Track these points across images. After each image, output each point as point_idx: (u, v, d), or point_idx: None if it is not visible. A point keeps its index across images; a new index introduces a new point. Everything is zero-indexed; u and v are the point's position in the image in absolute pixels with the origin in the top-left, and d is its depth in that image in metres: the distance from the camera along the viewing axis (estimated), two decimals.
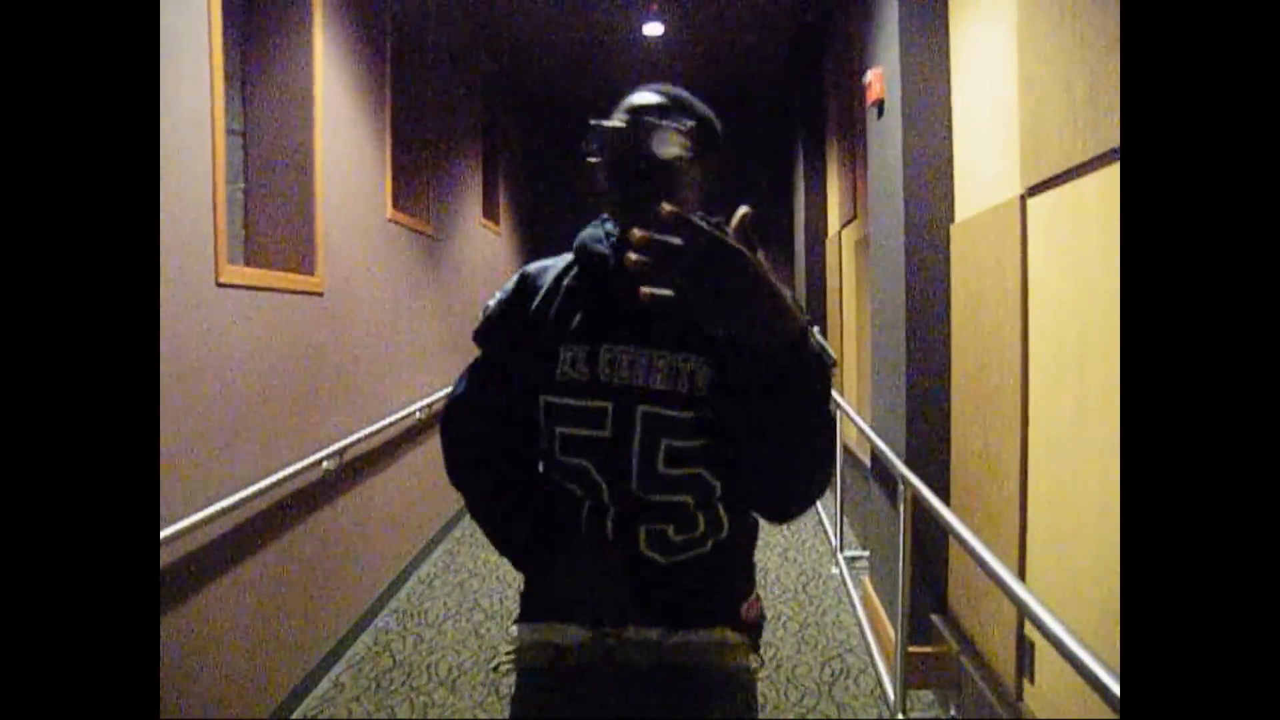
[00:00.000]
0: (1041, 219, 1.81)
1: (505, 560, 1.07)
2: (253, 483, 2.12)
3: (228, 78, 2.14)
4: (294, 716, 2.40)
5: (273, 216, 2.60)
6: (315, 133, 2.62)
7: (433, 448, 3.99)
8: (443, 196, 4.24)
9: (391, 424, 3.27)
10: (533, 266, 1.06)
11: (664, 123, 0.92)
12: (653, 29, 4.97)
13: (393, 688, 2.59)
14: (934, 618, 2.54)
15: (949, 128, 2.52)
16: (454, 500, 4.38)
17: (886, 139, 2.75)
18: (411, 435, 3.69)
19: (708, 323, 0.66)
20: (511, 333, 1.01)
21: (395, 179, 3.52)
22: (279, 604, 2.36)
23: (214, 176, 1.97)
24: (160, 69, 1.77)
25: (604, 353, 0.94)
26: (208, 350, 1.96)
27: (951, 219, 2.51)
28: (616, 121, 0.95)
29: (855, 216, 4.06)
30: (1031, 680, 1.87)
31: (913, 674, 2.43)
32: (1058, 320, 1.73)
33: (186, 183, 1.87)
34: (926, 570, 2.55)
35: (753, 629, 1.04)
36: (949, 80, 2.52)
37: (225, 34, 2.09)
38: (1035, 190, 1.82)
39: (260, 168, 2.59)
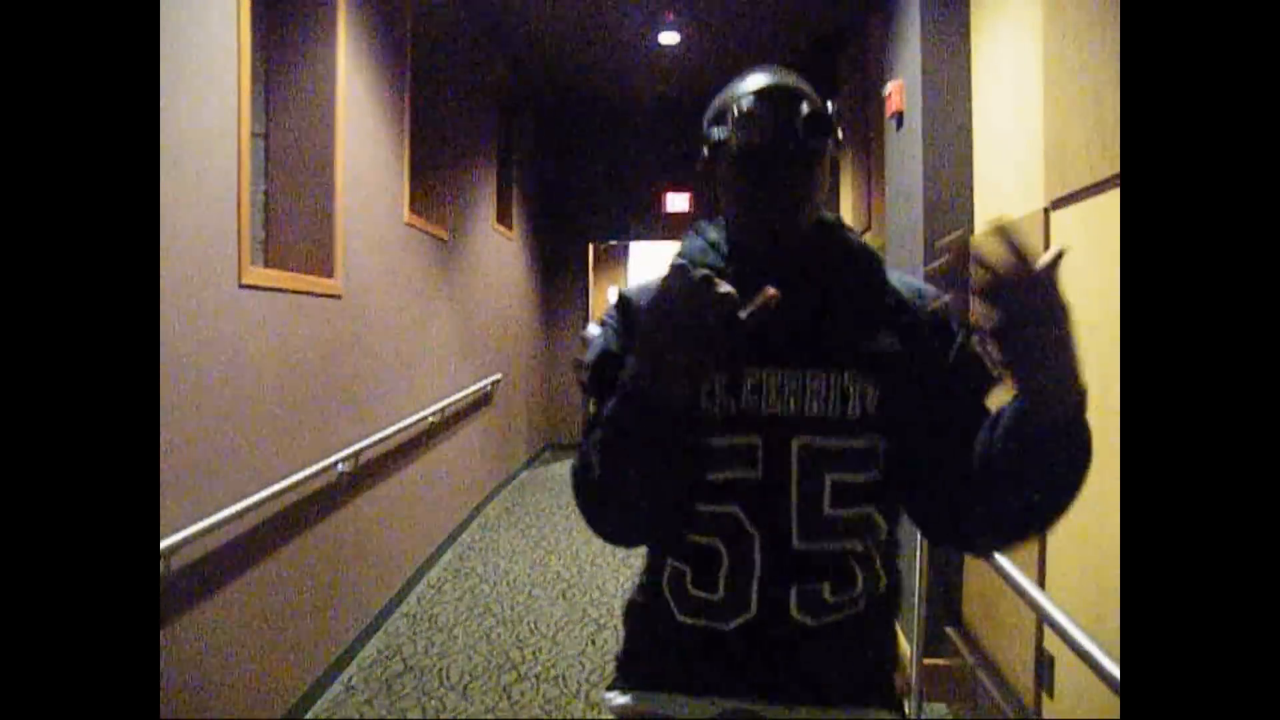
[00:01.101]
0: (1065, 233, 1.81)
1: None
2: (271, 483, 2.13)
3: (251, 81, 2.16)
4: (305, 718, 2.40)
5: (293, 219, 2.62)
6: (336, 136, 2.64)
7: (443, 451, 4.00)
8: (458, 201, 4.26)
9: (406, 428, 3.28)
10: (632, 289, 0.90)
11: (811, 106, 0.78)
12: (668, 37, 4.99)
13: (404, 691, 2.59)
14: (949, 630, 2.53)
15: (970, 140, 2.52)
16: (463, 504, 4.38)
17: (906, 151, 2.76)
18: (425, 439, 3.69)
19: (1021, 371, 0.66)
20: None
21: (413, 183, 3.54)
22: (291, 606, 2.36)
23: (239, 178, 1.99)
24: (189, 72, 1.78)
25: (747, 378, 0.80)
26: (228, 350, 1.97)
27: (971, 231, 2.51)
28: (756, 95, 0.79)
29: (869, 227, 4.06)
30: (1050, 695, 1.86)
31: (927, 687, 2.41)
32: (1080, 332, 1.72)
33: (212, 184, 1.88)
34: (941, 581, 2.54)
35: (901, 707, 0.88)
36: (970, 92, 2.53)
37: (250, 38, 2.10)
38: (1059, 204, 1.82)
39: (281, 170, 2.61)
